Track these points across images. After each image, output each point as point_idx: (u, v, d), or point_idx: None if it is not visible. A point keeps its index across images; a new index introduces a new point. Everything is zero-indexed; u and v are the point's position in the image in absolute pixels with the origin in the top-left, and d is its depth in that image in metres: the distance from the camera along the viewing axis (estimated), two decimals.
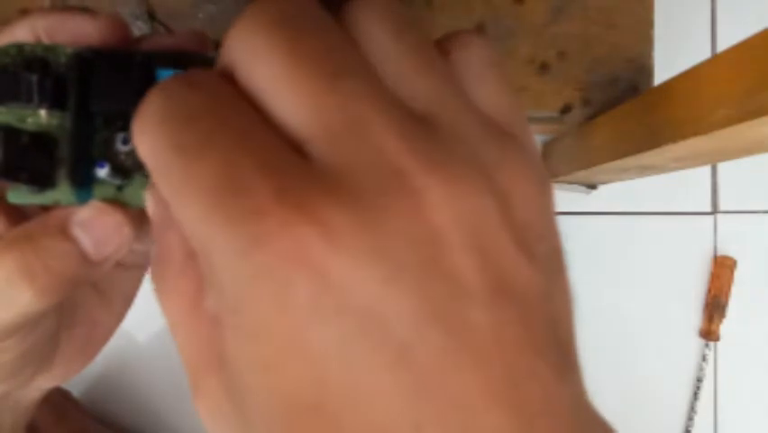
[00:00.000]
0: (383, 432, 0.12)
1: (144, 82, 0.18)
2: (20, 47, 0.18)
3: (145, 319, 0.61)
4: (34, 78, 0.18)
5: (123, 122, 0.19)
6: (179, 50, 0.19)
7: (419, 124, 0.13)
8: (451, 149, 0.13)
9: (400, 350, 0.12)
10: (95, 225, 0.18)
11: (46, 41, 0.19)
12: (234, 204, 0.12)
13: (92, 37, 0.18)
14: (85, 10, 0.19)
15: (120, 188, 0.19)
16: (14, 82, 0.18)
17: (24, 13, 0.47)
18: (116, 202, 0.19)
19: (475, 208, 0.13)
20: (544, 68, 0.48)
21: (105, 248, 0.19)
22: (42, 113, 0.18)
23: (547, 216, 0.15)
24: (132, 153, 0.19)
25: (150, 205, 0.17)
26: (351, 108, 0.13)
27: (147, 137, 0.14)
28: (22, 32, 0.19)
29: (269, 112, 0.13)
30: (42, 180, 0.18)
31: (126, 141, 0.19)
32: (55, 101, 0.18)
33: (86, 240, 0.18)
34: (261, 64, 0.13)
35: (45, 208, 0.20)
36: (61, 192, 0.18)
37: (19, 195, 0.19)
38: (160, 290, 0.16)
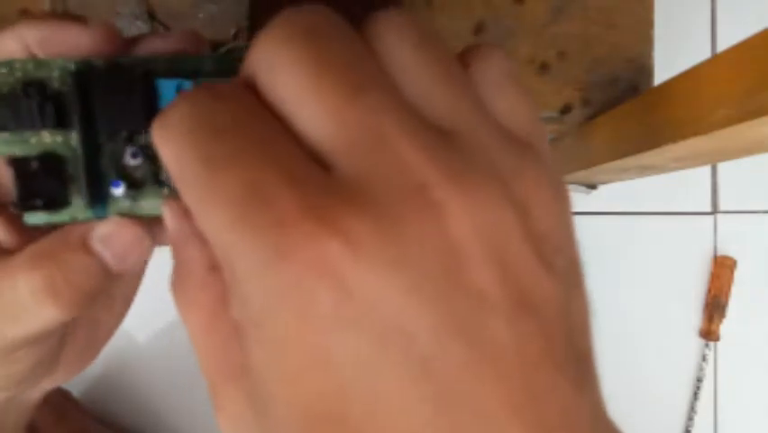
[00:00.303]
0: None
1: (146, 94, 0.18)
2: (10, 65, 0.18)
3: (145, 319, 0.61)
4: (34, 103, 0.18)
5: (128, 133, 0.18)
6: (176, 53, 0.19)
7: (439, 136, 0.13)
8: (470, 160, 0.13)
9: (422, 362, 0.12)
10: (115, 240, 0.19)
11: (37, 53, 0.18)
12: (260, 215, 0.12)
13: (86, 48, 0.18)
14: (76, 18, 0.19)
15: (134, 199, 0.19)
16: (14, 109, 0.18)
17: (24, 12, 0.47)
18: (133, 215, 0.19)
19: (495, 220, 0.13)
20: (544, 68, 0.48)
21: (125, 261, 0.19)
22: (45, 133, 0.18)
23: (566, 226, 0.15)
24: (143, 166, 0.19)
25: (168, 218, 0.17)
26: (372, 121, 0.13)
27: (172, 147, 0.14)
28: (10, 44, 0.18)
29: (292, 123, 0.14)
30: (57, 202, 0.18)
31: (136, 155, 0.19)
32: (57, 122, 0.18)
33: (107, 254, 0.19)
34: (285, 76, 0.14)
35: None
36: (77, 209, 0.19)
37: (35, 216, 0.19)
38: (181, 303, 0.16)
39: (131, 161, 0.19)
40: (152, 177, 0.19)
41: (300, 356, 0.12)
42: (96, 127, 0.18)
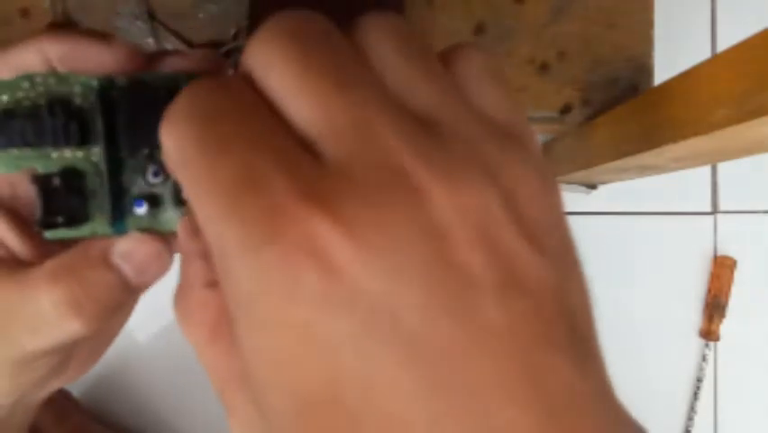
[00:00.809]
0: (401, 425, 0.12)
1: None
2: (31, 79, 0.18)
3: (145, 319, 0.61)
4: (59, 122, 0.18)
5: (149, 150, 0.19)
6: (198, 72, 0.19)
7: (421, 125, 0.14)
8: (452, 148, 0.14)
9: (412, 343, 0.12)
10: (135, 256, 0.19)
11: (58, 68, 0.18)
12: (252, 200, 0.13)
13: (108, 66, 0.18)
14: (100, 35, 0.19)
15: (154, 216, 0.19)
16: (37, 125, 0.18)
17: (25, 12, 0.47)
18: (152, 230, 0.19)
19: (479, 204, 0.13)
20: (543, 68, 0.48)
21: (146, 276, 0.19)
22: (66, 150, 0.18)
23: (555, 211, 0.15)
24: (164, 184, 0.19)
25: (180, 236, 0.18)
26: (356, 110, 0.14)
27: (173, 132, 0.14)
28: (30, 57, 0.18)
29: (284, 114, 0.14)
30: (78, 218, 0.19)
31: (157, 173, 0.19)
32: (80, 139, 0.18)
33: (128, 269, 0.19)
34: (276, 71, 0.14)
35: None
36: (97, 224, 0.19)
37: (56, 231, 0.19)
38: (184, 321, 0.17)
39: (152, 178, 0.19)
40: (173, 195, 0.19)
41: (289, 338, 0.12)
42: (118, 144, 0.18)
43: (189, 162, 0.14)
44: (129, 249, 0.19)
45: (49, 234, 0.19)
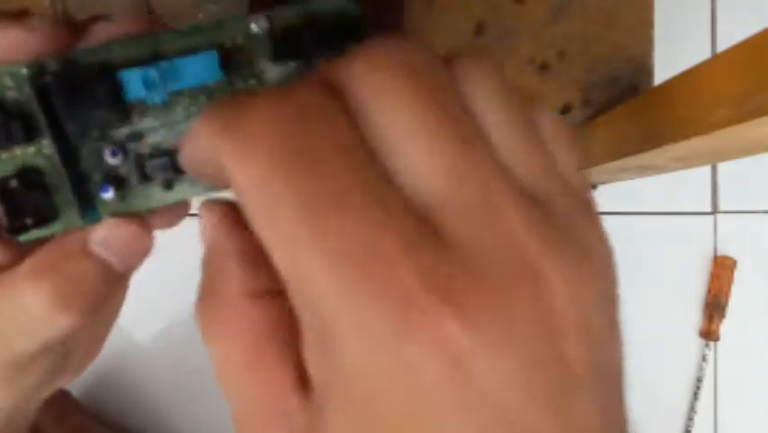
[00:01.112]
0: None
1: (108, 88, 0.17)
2: None
3: (145, 319, 0.61)
4: None
5: (99, 131, 0.18)
6: (131, 36, 0.18)
7: (538, 207, 0.13)
8: (566, 234, 0.13)
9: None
10: (114, 241, 0.19)
11: None
12: (379, 285, 0.12)
13: (33, 50, 0.17)
14: (15, 18, 0.17)
15: (123, 197, 0.18)
16: None
17: (25, 12, 0.47)
18: (125, 213, 0.18)
19: (586, 294, 0.13)
20: (543, 68, 0.48)
21: (129, 259, 0.19)
22: (16, 148, 0.17)
23: (615, 282, 0.15)
24: (125, 163, 0.18)
25: (205, 225, 0.16)
26: (483, 184, 0.13)
27: (256, 174, 0.12)
28: None
29: (389, 162, 0.13)
30: (46, 215, 0.18)
31: (115, 153, 0.18)
32: (25, 134, 0.17)
33: (109, 255, 0.19)
34: (395, 112, 0.13)
35: None
36: (68, 218, 0.18)
37: (28, 234, 0.18)
38: (212, 334, 0.15)
39: (111, 159, 0.18)
40: (137, 171, 0.18)
41: (395, 428, 0.12)
42: (65, 132, 0.17)
43: (282, 216, 0.12)
44: (106, 235, 0.18)
45: (22, 238, 0.18)
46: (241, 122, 0.13)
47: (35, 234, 0.18)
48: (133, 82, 0.17)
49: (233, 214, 0.16)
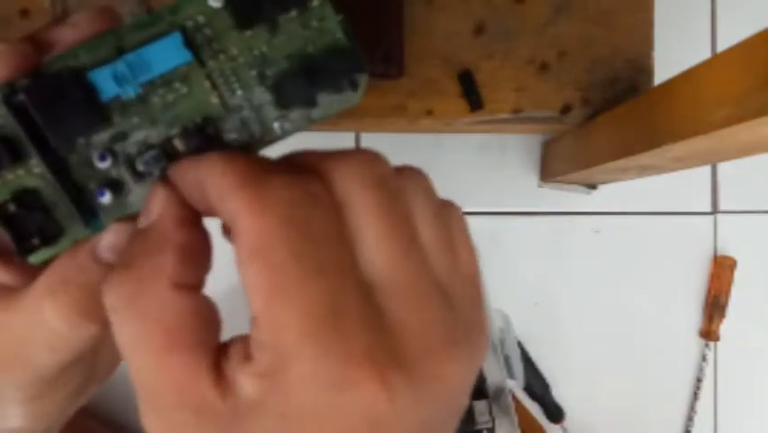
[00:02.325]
0: None
1: (83, 93, 0.17)
2: None
3: None
4: None
5: (83, 138, 0.18)
6: (93, 37, 0.18)
7: (446, 298, 0.17)
8: (460, 328, 0.17)
9: None
10: (121, 245, 0.19)
11: None
12: (336, 341, 0.15)
13: (3, 76, 0.17)
14: None
15: (121, 200, 0.18)
16: None
17: (25, 12, 0.47)
18: (127, 216, 0.19)
19: (470, 379, 0.17)
20: (543, 68, 0.48)
21: None
22: (4, 173, 0.17)
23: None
24: (115, 165, 0.18)
25: (156, 204, 0.17)
26: (415, 276, 0.16)
27: (268, 222, 0.15)
28: None
29: (359, 249, 0.16)
30: (51, 233, 0.18)
31: (104, 157, 0.18)
32: (11, 157, 0.17)
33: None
34: (364, 215, 0.16)
35: None
36: (74, 232, 0.18)
37: (38, 255, 0.18)
38: (126, 307, 0.16)
39: (101, 164, 0.18)
40: (128, 169, 0.18)
41: None
42: (50, 146, 0.17)
43: (274, 261, 0.15)
44: (112, 241, 0.19)
45: (33, 259, 0.18)
46: (262, 184, 0.16)
47: (45, 254, 0.18)
48: (105, 81, 0.17)
49: (187, 205, 0.17)
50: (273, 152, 0.18)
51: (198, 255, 0.17)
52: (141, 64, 0.17)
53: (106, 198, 0.18)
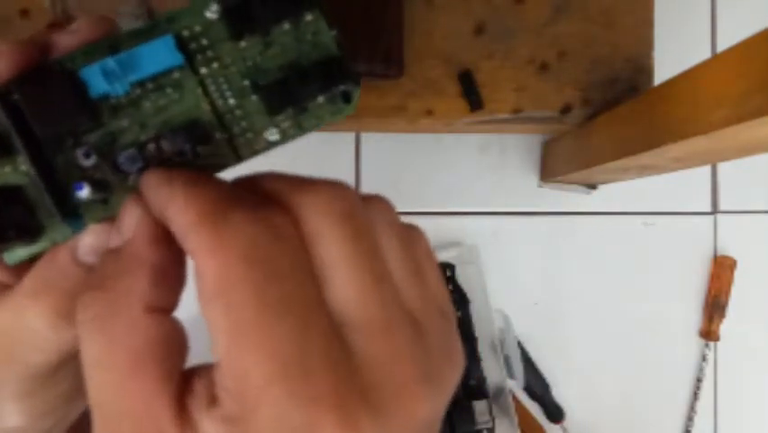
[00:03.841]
0: None
1: (73, 88, 0.17)
2: None
3: None
4: None
5: (72, 138, 0.18)
6: (90, 43, 0.18)
7: (417, 328, 0.17)
8: (432, 355, 0.17)
9: None
10: (101, 247, 0.18)
11: None
12: (300, 385, 0.14)
13: (7, 75, 0.17)
14: None
15: (105, 201, 0.18)
16: None
17: (25, 12, 0.47)
18: (109, 217, 0.18)
19: (439, 411, 0.17)
20: (543, 68, 0.48)
21: None
22: None
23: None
24: (99, 163, 0.18)
25: (129, 223, 0.17)
26: (386, 311, 0.16)
27: (226, 264, 0.15)
28: None
29: (326, 286, 0.16)
30: (30, 230, 0.18)
31: (88, 154, 0.18)
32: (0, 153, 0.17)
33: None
34: (331, 249, 0.16)
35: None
36: (53, 232, 0.18)
37: (15, 254, 0.18)
38: (94, 324, 0.16)
39: (85, 161, 0.18)
40: (112, 170, 0.18)
41: None
42: (38, 145, 0.18)
43: (236, 303, 0.15)
44: (91, 243, 0.18)
45: (8, 258, 0.18)
46: (222, 221, 0.15)
47: (22, 253, 0.18)
48: (94, 76, 0.17)
49: (161, 226, 0.17)
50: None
51: (172, 275, 0.17)
52: (132, 63, 0.17)
53: (84, 192, 0.18)
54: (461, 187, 0.60)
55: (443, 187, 0.59)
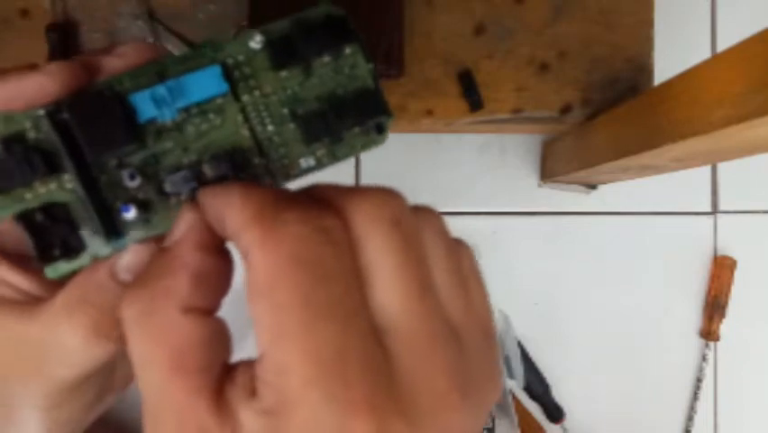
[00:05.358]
0: None
1: (123, 113, 0.18)
2: None
3: None
4: (19, 156, 0.17)
5: (117, 157, 0.18)
6: (138, 67, 0.19)
7: (457, 343, 0.17)
8: (471, 371, 0.17)
9: None
10: (141, 267, 0.19)
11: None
12: (338, 388, 0.15)
13: (55, 93, 0.18)
14: (31, 66, 0.18)
15: (147, 221, 0.19)
16: (1, 169, 0.17)
17: (25, 12, 0.47)
18: (149, 237, 0.19)
19: (479, 424, 0.17)
20: (544, 68, 0.48)
21: None
22: (37, 185, 0.18)
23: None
24: (143, 185, 0.19)
25: (183, 226, 0.17)
26: (429, 320, 0.16)
27: (276, 261, 0.15)
28: None
29: (368, 288, 0.16)
30: (73, 247, 0.18)
31: (133, 176, 0.18)
32: (46, 170, 0.18)
33: None
34: (379, 253, 0.16)
35: None
36: (95, 249, 0.19)
37: (56, 269, 0.19)
38: (138, 325, 0.16)
39: (130, 183, 0.18)
40: (156, 191, 0.19)
41: None
42: (85, 163, 0.18)
43: (281, 304, 0.15)
44: (131, 261, 0.19)
45: (50, 273, 0.18)
46: (275, 220, 0.16)
47: (63, 268, 0.19)
48: (144, 102, 0.18)
49: (211, 231, 0.17)
50: (296, 185, 0.19)
51: (214, 281, 0.17)
52: (180, 90, 0.18)
53: (131, 214, 0.19)
54: (460, 187, 0.60)
55: (443, 187, 0.59)
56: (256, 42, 0.19)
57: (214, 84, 0.18)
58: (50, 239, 0.18)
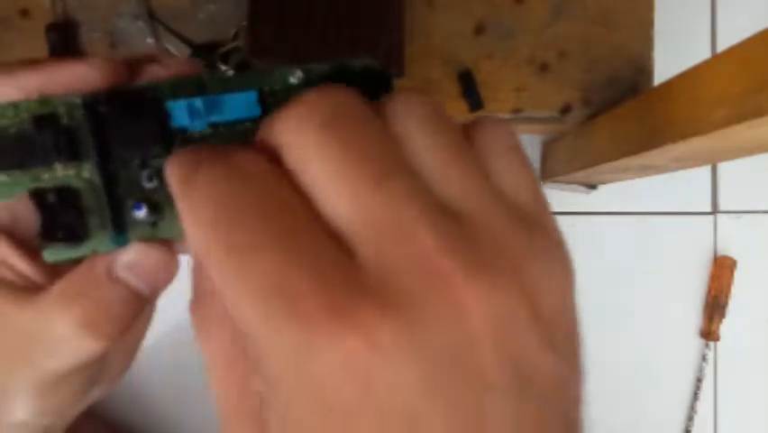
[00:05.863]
0: None
1: (158, 117, 0.18)
2: (15, 106, 0.18)
3: None
4: (48, 137, 0.18)
5: (140, 160, 0.19)
6: (178, 78, 0.19)
7: (456, 223, 0.14)
8: (484, 248, 0.14)
9: None
10: (141, 267, 0.19)
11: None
12: (286, 311, 0.13)
13: (94, 84, 0.18)
14: (76, 57, 0.19)
15: (154, 224, 0.19)
16: (25, 146, 0.18)
17: (25, 12, 0.47)
18: (154, 239, 0.19)
19: (508, 311, 0.14)
20: (543, 68, 0.48)
21: (155, 285, 0.19)
22: (58, 167, 0.18)
23: (571, 307, 0.16)
24: (160, 187, 0.19)
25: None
26: (394, 209, 0.14)
27: (200, 233, 0.15)
28: (10, 92, 0.18)
29: (317, 204, 0.15)
30: (77, 234, 0.19)
31: (151, 177, 0.19)
32: (70, 155, 0.18)
33: (136, 281, 0.19)
34: (313, 161, 0.15)
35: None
36: (98, 241, 0.19)
37: (55, 253, 0.19)
38: (202, 336, 0.17)
39: (147, 183, 0.19)
40: (169, 197, 0.19)
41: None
42: (109, 157, 0.18)
43: (217, 263, 0.14)
44: (133, 260, 0.19)
45: (48, 256, 0.19)
46: (191, 173, 0.15)
47: (62, 254, 0.19)
48: (180, 110, 0.18)
49: None
50: None
51: None
52: (216, 106, 0.19)
53: (142, 213, 0.19)
54: None
55: None
56: (295, 78, 0.19)
57: (249, 107, 0.19)
58: (58, 220, 0.18)
